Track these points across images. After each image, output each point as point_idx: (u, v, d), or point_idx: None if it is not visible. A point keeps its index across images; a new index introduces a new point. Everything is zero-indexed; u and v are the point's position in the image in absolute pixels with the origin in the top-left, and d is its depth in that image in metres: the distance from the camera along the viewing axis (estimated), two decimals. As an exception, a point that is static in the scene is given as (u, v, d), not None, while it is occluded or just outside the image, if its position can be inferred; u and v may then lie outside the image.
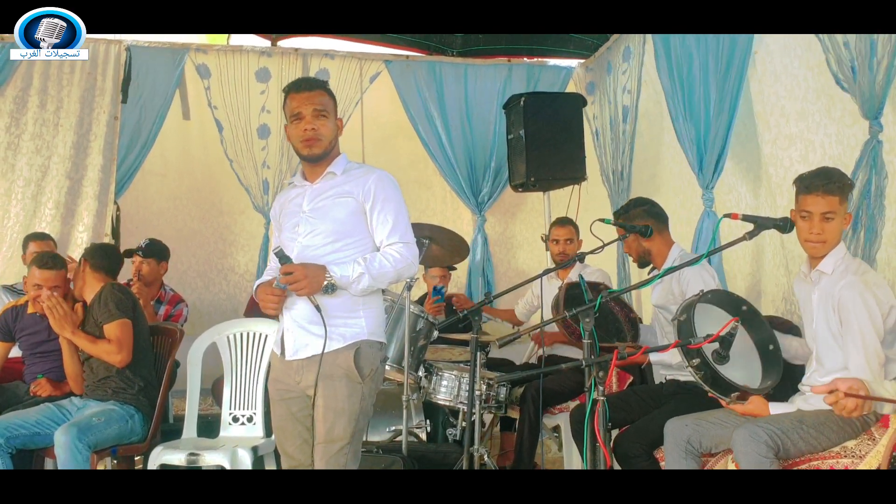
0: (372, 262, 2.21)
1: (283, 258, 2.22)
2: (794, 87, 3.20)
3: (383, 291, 3.18)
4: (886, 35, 2.57)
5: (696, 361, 2.29)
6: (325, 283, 2.15)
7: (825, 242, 2.36)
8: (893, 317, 2.30)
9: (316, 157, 2.31)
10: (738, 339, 2.42)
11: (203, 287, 5.09)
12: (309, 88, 2.31)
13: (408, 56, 5.26)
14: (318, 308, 2.19)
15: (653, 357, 3.05)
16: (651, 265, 3.15)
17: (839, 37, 2.77)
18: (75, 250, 4.44)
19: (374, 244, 2.31)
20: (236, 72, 4.96)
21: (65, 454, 2.87)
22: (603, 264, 4.47)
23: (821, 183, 2.33)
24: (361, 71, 5.14)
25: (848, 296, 2.27)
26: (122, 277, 3.75)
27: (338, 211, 2.28)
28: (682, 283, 2.94)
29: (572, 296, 3.05)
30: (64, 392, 3.35)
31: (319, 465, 2.23)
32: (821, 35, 2.86)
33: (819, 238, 2.35)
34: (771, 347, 2.51)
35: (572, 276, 3.90)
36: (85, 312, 3.32)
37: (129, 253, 4.14)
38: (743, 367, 2.43)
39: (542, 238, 4.92)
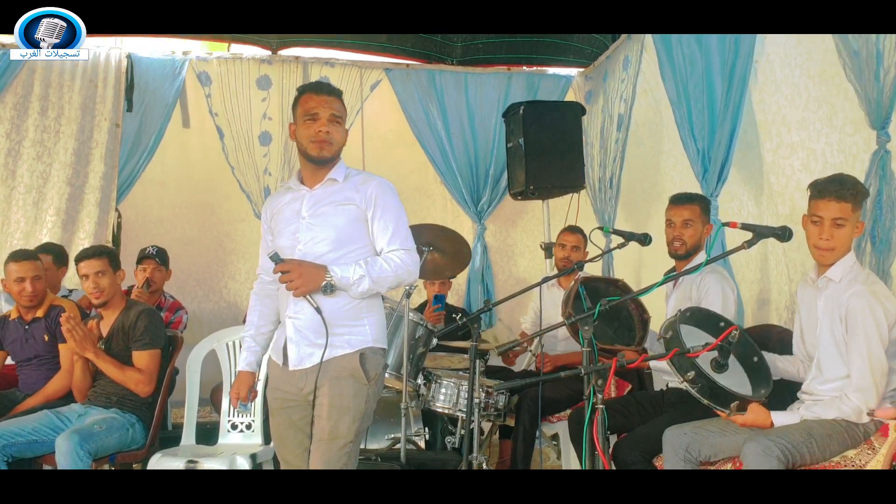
0: (373, 266, 2.21)
1: (276, 259, 2.20)
2: (795, 96, 3.21)
3: (383, 298, 3.19)
4: (893, 45, 2.55)
5: (690, 375, 2.27)
6: (325, 283, 2.15)
7: (834, 249, 2.34)
8: None
9: (324, 160, 2.30)
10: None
11: (203, 294, 5.09)
12: (329, 93, 2.32)
13: (408, 65, 5.28)
14: (318, 310, 2.17)
15: (653, 363, 3.04)
16: (672, 267, 3.15)
17: (852, 43, 2.73)
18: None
19: (374, 251, 2.31)
20: (237, 80, 4.99)
21: (66, 461, 2.87)
22: (594, 273, 4.47)
23: (834, 188, 2.33)
24: (362, 79, 5.17)
25: (857, 304, 2.26)
26: (123, 284, 3.75)
27: (339, 218, 2.27)
28: (702, 289, 2.92)
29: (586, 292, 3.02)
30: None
31: (318, 463, 2.21)
32: (836, 40, 2.81)
33: (828, 245, 2.34)
34: (755, 360, 2.49)
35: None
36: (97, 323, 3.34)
37: (141, 259, 4.17)
38: (733, 381, 2.42)
39: (541, 246, 4.93)
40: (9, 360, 3.59)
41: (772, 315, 3.39)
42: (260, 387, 3.15)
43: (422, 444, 3.56)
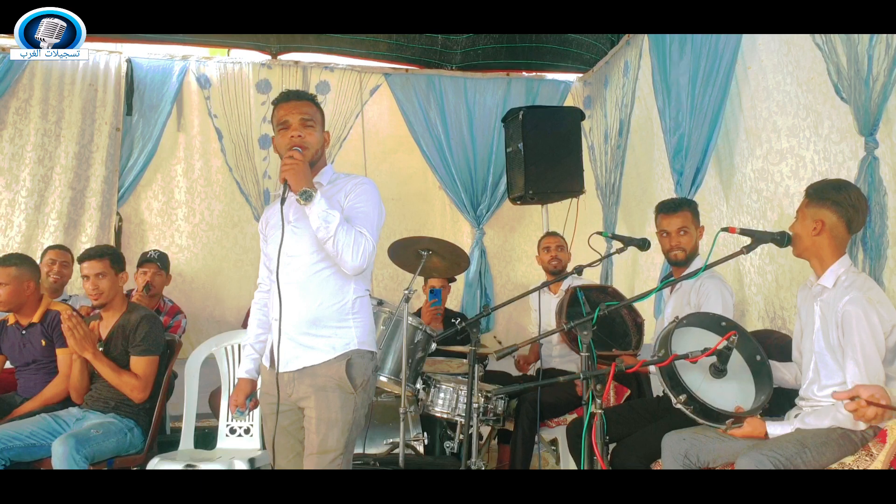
0: (350, 226, 2.18)
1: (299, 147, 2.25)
2: (786, 103, 3.22)
3: (381, 303, 3.19)
4: (882, 51, 2.57)
5: (682, 398, 2.29)
6: (306, 189, 2.14)
7: (794, 244, 2.43)
8: (895, 336, 2.29)
9: None
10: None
11: (202, 298, 5.07)
12: (297, 98, 2.34)
13: (407, 69, 5.29)
14: (283, 200, 2.19)
15: (653, 367, 3.04)
16: (668, 273, 3.16)
17: (839, 49, 2.75)
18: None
19: None
20: (237, 84, 5.01)
21: (62, 465, 2.86)
22: (591, 278, 4.47)
23: (809, 187, 2.44)
24: (361, 83, 5.19)
25: (851, 311, 2.26)
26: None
27: None
28: (701, 294, 2.94)
29: (577, 301, 3.04)
30: None
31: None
32: (821, 45, 2.84)
33: (792, 237, 2.44)
34: (758, 358, 2.50)
35: (564, 288, 3.90)
36: (99, 329, 3.33)
37: (142, 262, 4.17)
38: (736, 384, 2.42)
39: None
40: (7, 364, 3.59)
41: (764, 321, 3.39)
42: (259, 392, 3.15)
43: (420, 449, 3.56)
